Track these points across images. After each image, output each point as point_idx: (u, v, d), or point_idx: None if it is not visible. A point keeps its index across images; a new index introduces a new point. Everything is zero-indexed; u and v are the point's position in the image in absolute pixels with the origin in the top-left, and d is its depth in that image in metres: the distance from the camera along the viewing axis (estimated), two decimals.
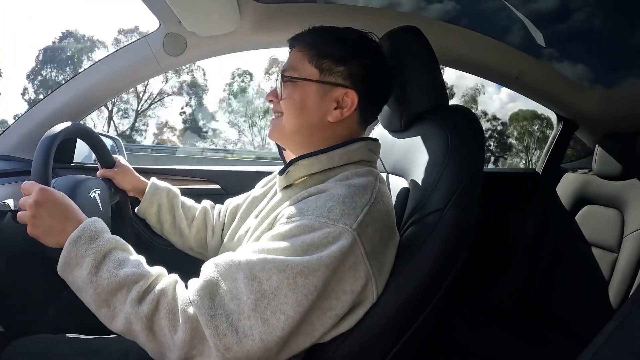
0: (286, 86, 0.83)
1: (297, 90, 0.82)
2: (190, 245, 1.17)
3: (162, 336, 0.67)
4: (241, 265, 0.66)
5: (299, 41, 0.86)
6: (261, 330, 0.63)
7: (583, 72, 1.85)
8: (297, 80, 0.83)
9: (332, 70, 0.82)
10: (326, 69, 0.82)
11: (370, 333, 0.73)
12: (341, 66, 0.82)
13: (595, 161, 1.72)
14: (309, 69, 0.82)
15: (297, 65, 0.84)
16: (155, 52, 1.36)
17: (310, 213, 0.70)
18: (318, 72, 0.82)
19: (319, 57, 0.82)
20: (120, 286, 0.69)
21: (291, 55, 0.86)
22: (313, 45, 0.83)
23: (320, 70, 0.82)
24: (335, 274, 0.66)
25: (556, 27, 1.70)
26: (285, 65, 0.86)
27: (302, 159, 0.82)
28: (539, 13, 1.65)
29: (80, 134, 1.06)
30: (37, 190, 0.75)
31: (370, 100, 0.85)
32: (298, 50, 0.85)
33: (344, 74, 0.82)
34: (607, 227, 1.64)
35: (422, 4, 1.58)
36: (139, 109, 31.99)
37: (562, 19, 1.66)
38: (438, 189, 0.80)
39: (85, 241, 0.72)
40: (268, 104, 0.89)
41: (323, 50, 0.82)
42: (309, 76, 0.82)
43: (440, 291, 0.77)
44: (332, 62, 0.82)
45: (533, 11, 1.64)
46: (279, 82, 0.84)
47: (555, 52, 1.80)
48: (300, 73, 0.83)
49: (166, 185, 1.19)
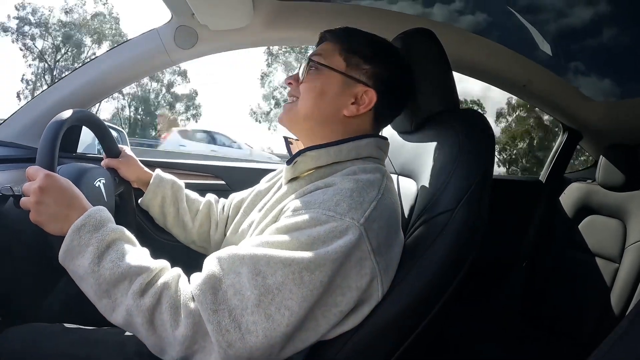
0: (310, 72, 0.85)
1: (320, 77, 0.84)
2: (193, 239, 1.16)
3: (162, 330, 0.66)
4: (245, 259, 0.66)
5: (332, 34, 0.88)
6: (265, 326, 0.62)
7: (589, 82, 1.85)
8: (323, 67, 0.84)
9: (359, 66, 0.83)
10: (353, 64, 0.83)
11: (375, 332, 0.73)
12: (368, 65, 0.83)
13: (599, 172, 1.72)
14: (338, 60, 0.84)
15: (326, 54, 0.85)
16: (166, 44, 1.35)
17: (317, 206, 0.70)
18: (345, 65, 0.84)
19: (349, 51, 0.84)
20: (122, 277, 0.68)
21: (322, 45, 0.88)
22: (346, 40, 0.85)
23: (348, 64, 0.84)
24: (341, 269, 0.66)
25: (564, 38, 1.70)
26: (313, 52, 0.88)
27: (311, 150, 0.82)
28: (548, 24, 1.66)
29: (88, 122, 1.05)
30: (42, 175, 0.74)
31: (387, 104, 0.86)
32: (329, 42, 0.87)
33: (369, 73, 0.83)
34: (609, 237, 1.64)
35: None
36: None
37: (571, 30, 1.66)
38: (448, 190, 0.79)
39: (89, 230, 0.71)
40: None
41: (354, 46, 0.84)
42: (336, 67, 0.84)
43: (448, 292, 0.77)
44: (361, 60, 0.83)
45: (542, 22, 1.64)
46: (303, 65, 0.86)
47: (563, 62, 1.80)
48: (328, 62, 0.84)
49: (171, 177, 1.18)
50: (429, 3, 1.55)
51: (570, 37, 1.71)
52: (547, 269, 1.80)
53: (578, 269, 1.70)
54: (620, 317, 1.45)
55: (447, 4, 1.56)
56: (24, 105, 1.39)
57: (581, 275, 1.68)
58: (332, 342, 0.72)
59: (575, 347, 1.53)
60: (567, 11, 1.63)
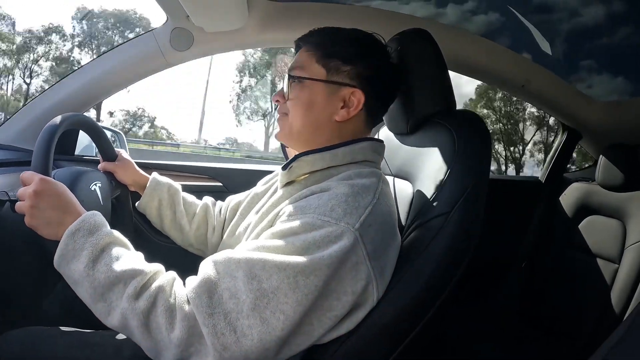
0: (293, 87, 0.84)
1: (304, 90, 0.83)
2: (190, 242, 1.16)
3: (158, 333, 0.66)
4: (241, 263, 0.65)
5: (306, 41, 0.86)
6: (260, 330, 0.62)
7: (589, 82, 1.85)
8: (304, 80, 0.83)
9: (340, 70, 0.82)
10: (333, 68, 0.82)
11: (370, 336, 0.72)
12: (348, 66, 0.82)
13: (598, 172, 1.71)
14: (317, 68, 0.83)
15: (304, 65, 0.84)
16: (162, 47, 1.35)
17: (312, 211, 0.70)
18: (325, 72, 0.82)
19: (326, 57, 0.83)
20: (117, 281, 0.68)
21: (298, 56, 0.87)
22: (320, 45, 0.84)
23: (328, 70, 0.82)
24: (336, 274, 0.65)
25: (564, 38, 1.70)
26: (291, 65, 0.86)
27: (306, 155, 0.81)
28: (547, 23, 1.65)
29: (83, 126, 1.05)
30: (37, 180, 0.74)
31: (376, 99, 0.86)
32: (305, 51, 0.85)
33: (351, 74, 0.82)
34: (609, 237, 1.63)
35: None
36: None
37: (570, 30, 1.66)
38: (444, 193, 0.79)
39: (84, 234, 0.71)
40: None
41: (330, 50, 0.83)
42: (316, 76, 0.82)
43: (443, 295, 0.76)
44: (340, 62, 0.82)
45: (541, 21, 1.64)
46: (285, 82, 0.84)
47: (562, 61, 1.80)
48: (307, 73, 0.83)
49: (167, 180, 1.18)
50: (426, 3, 1.54)
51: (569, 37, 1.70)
52: (546, 269, 1.80)
53: (577, 269, 1.70)
54: (619, 317, 1.44)
55: (445, 5, 1.56)
56: (20, 108, 1.39)
57: (580, 276, 1.67)
58: (326, 345, 0.72)
59: (573, 348, 1.53)
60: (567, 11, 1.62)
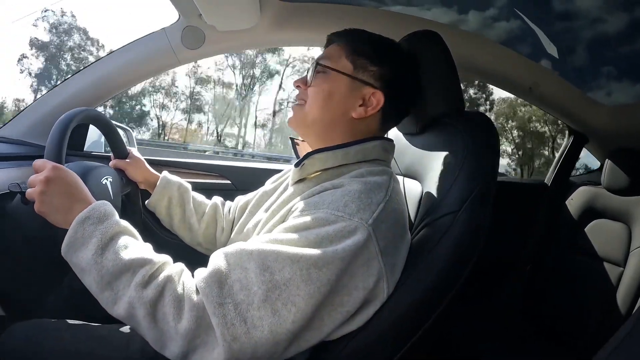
0: (318, 75, 0.85)
1: (328, 80, 0.84)
2: (199, 241, 1.16)
3: (164, 324, 0.65)
4: (253, 255, 0.66)
5: (338, 37, 0.89)
6: (271, 322, 0.63)
7: (595, 85, 1.85)
8: (330, 70, 0.84)
9: (366, 68, 0.84)
10: (360, 66, 0.84)
11: (379, 332, 0.73)
12: (375, 67, 0.84)
13: (604, 175, 1.71)
14: (344, 63, 0.84)
15: (333, 57, 0.86)
16: (173, 44, 1.36)
17: (326, 207, 0.70)
18: (352, 68, 0.84)
19: (356, 53, 0.84)
20: (125, 269, 0.68)
21: (328, 48, 0.89)
22: (352, 42, 0.86)
23: (355, 66, 0.84)
24: (349, 268, 0.66)
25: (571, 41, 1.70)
26: (320, 55, 0.88)
27: (318, 153, 0.82)
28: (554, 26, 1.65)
29: (97, 121, 1.06)
30: (49, 167, 0.75)
31: (394, 105, 0.87)
32: (336, 45, 0.87)
33: (376, 75, 0.84)
34: (614, 241, 1.63)
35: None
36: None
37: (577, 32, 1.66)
38: (452, 192, 0.80)
39: (93, 222, 0.71)
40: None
41: (361, 48, 0.85)
42: (342, 69, 0.84)
43: (451, 293, 0.77)
44: (368, 61, 0.84)
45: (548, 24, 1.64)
46: (311, 69, 0.86)
47: (569, 64, 1.80)
48: (335, 65, 0.84)
49: (178, 179, 1.19)
50: (436, 5, 1.55)
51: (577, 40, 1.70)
52: (551, 271, 1.80)
53: (582, 271, 1.69)
54: (624, 320, 1.44)
55: (454, 7, 1.56)
56: (31, 103, 1.40)
57: (585, 279, 1.67)
58: (335, 342, 0.72)
59: (576, 349, 1.53)
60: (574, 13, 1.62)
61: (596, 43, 1.68)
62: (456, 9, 1.57)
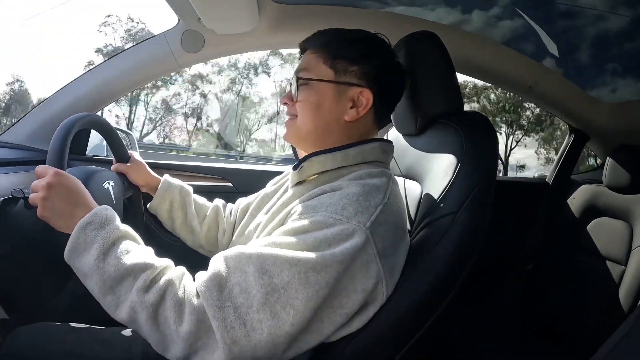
0: (301, 89, 0.84)
1: (312, 91, 0.83)
2: (201, 243, 1.17)
3: (166, 327, 0.66)
4: (252, 258, 0.66)
5: (312, 43, 0.87)
6: (270, 325, 0.63)
7: (596, 83, 1.84)
8: (312, 81, 0.83)
9: (347, 70, 0.82)
10: (340, 69, 0.83)
11: (379, 334, 0.73)
12: (355, 66, 0.82)
13: (605, 173, 1.71)
14: (324, 69, 0.83)
15: (311, 66, 0.84)
16: (173, 49, 1.37)
17: (324, 210, 0.70)
18: (333, 73, 0.83)
19: (333, 57, 0.83)
20: (127, 274, 0.69)
21: (304, 58, 0.87)
22: (327, 47, 0.84)
23: (335, 70, 0.83)
24: (347, 271, 0.66)
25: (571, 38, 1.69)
26: (298, 67, 0.86)
27: (317, 155, 0.82)
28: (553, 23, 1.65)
29: (98, 126, 1.06)
30: (52, 173, 0.76)
31: (384, 98, 0.86)
32: (311, 52, 0.86)
33: (358, 74, 0.83)
34: (616, 239, 1.62)
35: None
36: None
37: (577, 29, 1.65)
38: (452, 193, 0.80)
39: (95, 227, 0.72)
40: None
41: (337, 51, 0.83)
42: (324, 77, 0.83)
43: (451, 294, 0.77)
44: (347, 62, 0.82)
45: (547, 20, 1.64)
46: (293, 84, 0.85)
47: (569, 63, 1.79)
48: (315, 74, 0.83)
49: (179, 182, 1.19)
50: (434, 6, 1.55)
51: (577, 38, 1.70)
52: (552, 271, 1.79)
53: (583, 271, 1.69)
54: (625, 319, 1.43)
55: (452, 7, 1.56)
56: (33, 108, 1.41)
57: (586, 278, 1.67)
58: (335, 343, 0.72)
59: (576, 349, 1.53)
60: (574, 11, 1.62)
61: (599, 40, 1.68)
62: (459, 9, 1.57)
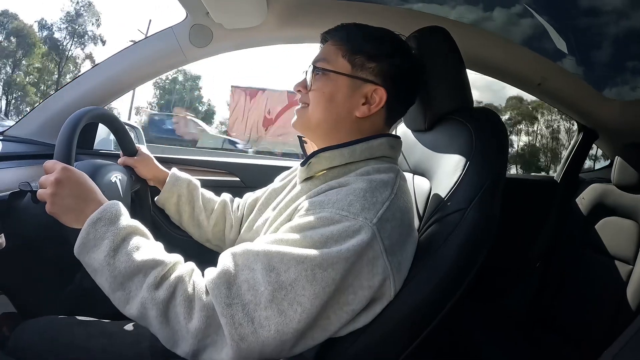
0: (317, 78, 0.84)
1: (328, 82, 0.83)
2: (208, 237, 1.17)
3: (176, 323, 0.67)
4: (259, 255, 0.66)
5: (332, 35, 0.86)
6: (277, 321, 0.63)
7: (605, 80, 1.83)
8: (329, 72, 0.83)
9: (364, 66, 0.82)
10: (358, 64, 0.82)
11: (386, 330, 0.73)
12: (373, 63, 0.82)
13: (614, 172, 1.69)
14: (342, 62, 0.83)
15: (330, 58, 0.84)
16: (181, 43, 1.37)
17: (331, 206, 0.70)
18: (350, 67, 0.82)
19: (352, 52, 0.83)
20: (137, 270, 0.69)
21: (324, 48, 0.87)
22: (347, 40, 0.84)
23: (353, 65, 0.82)
24: (354, 268, 0.66)
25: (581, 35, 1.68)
26: (316, 57, 0.86)
27: (325, 151, 0.82)
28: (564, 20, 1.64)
29: (105, 120, 1.06)
30: (60, 168, 0.75)
31: (398, 99, 0.86)
32: (331, 44, 0.86)
33: (375, 71, 0.82)
34: (624, 238, 1.61)
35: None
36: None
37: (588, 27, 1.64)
38: (461, 189, 0.79)
39: (105, 223, 0.72)
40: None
41: (357, 46, 0.83)
42: (341, 70, 0.83)
43: (459, 292, 0.76)
44: (365, 58, 0.82)
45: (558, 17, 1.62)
46: (309, 73, 0.85)
47: (579, 60, 1.78)
48: (332, 66, 0.83)
49: (187, 176, 1.19)
50: (444, 1, 1.54)
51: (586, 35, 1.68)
52: (560, 269, 1.78)
53: (591, 269, 1.68)
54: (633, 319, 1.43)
55: (463, 2, 1.55)
56: (41, 102, 1.41)
57: (594, 277, 1.66)
58: (343, 339, 0.72)
59: (585, 350, 1.52)
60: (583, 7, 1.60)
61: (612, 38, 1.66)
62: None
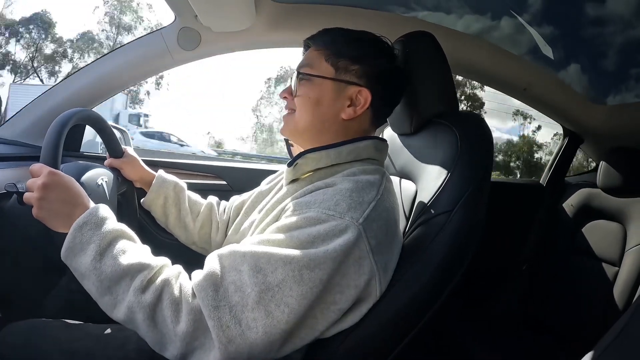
0: (302, 84, 0.85)
1: (312, 87, 0.84)
2: (194, 240, 1.16)
3: (164, 327, 0.66)
4: (246, 256, 0.66)
5: (315, 40, 0.88)
6: (265, 323, 0.63)
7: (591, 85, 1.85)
8: (313, 77, 0.84)
9: (348, 68, 0.83)
10: (341, 67, 0.83)
11: (373, 330, 0.74)
12: (356, 65, 0.83)
13: (599, 176, 1.71)
14: (325, 67, 0.84)
15: (313, 63, 0.85)
16: (169, 46, 1.36)
17: (317, 206, 0.71)
18: (334, 71, 0.84)
19: (335, 56, 0.84)
20: (124, 274, 0.69)
21: (307, 54, 0.88)
22: (330, 45, 0.85)
23: (336, 68, 0.84)
24: (340, 267, 0.66)
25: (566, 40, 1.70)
26: (300, 63, 0.88)
27: (311, 152, 0.83)
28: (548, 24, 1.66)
29: (92, 121, 1.06)
30: (46, 172, 0.75)
31: (382, 99, 0.87)
32: (314, 49, 0.87)
33: (359, 73, 0.83)
34: (610, 240, 1.63)
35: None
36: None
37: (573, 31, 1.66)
38: (446, 192, 0.80)
39: (91, 227, 0.72)
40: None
41: (339, 49, 0.84)
42: (324, 74, 0.84)
43: (445, 293, 0.77)
44: (348, 61, 0.83)
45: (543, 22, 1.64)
46: (294, 79, 0.86)
47: (564, 64, 1.80)
48: (316, 70, 0.84)
49: (173, 178, 1.19)
50: (431, 6, 1.55)
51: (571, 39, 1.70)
52: (547, 273, 1.80)
53: (578, 272, 1.70)
54: None
55: (449, 7, 1.57)
56: (27, 104, 1.39)
57: (581, 279, 1.67)
58: (330, 339, 0.73)
59: (573, 348, 1.53)
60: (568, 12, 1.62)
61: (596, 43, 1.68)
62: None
